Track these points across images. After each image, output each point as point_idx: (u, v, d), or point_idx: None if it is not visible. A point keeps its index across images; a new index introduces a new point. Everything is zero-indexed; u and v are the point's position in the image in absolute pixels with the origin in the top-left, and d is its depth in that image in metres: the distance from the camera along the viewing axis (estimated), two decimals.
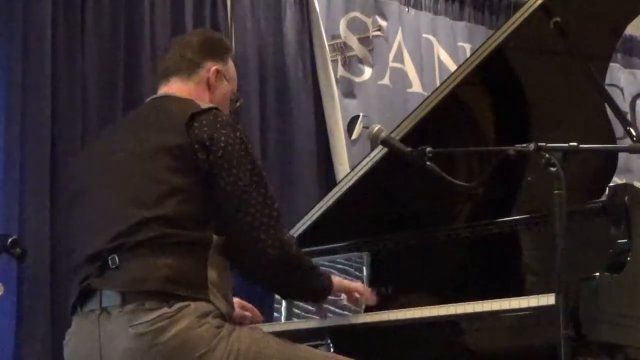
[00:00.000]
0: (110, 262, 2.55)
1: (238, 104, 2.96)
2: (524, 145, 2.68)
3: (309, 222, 3.38)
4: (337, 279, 2.89)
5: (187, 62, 2.84)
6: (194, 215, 2.57)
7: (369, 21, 5.57)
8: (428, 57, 5.79)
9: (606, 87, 3.81)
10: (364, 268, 3.27)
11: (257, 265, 2.65)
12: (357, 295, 2.95)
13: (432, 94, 3.45)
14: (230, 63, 2.92)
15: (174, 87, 2.82)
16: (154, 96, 2.89)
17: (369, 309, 3.01)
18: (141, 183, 2.60)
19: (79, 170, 2.86)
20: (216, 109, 2.69)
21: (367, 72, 5.53)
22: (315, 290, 2.81)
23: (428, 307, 2.91)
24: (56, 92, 4.34)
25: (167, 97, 2.82)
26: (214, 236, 2.59)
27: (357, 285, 2.98)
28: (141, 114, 2.88)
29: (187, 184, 2.58)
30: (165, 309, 2.48)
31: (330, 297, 2.88)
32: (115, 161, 2.69)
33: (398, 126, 3.33)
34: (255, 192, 2.60)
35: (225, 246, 2.62)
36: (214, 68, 2.84)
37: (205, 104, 2.70)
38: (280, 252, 2.60)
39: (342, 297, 2.96)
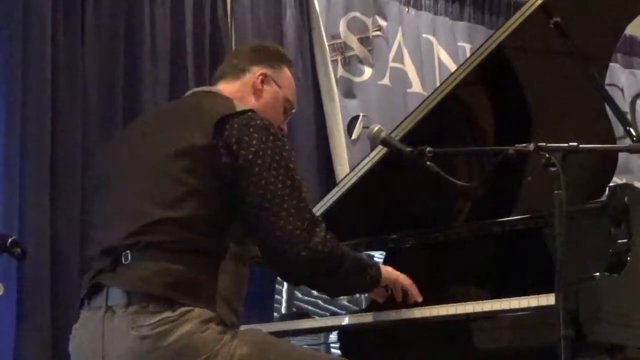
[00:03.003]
0: (123, 258, 2.54)
1: (291, 113, 2.92)
2: (524, 145, 2.68)
3: None
4: (386, 269, 2.82)
5: (235, 67, 2.84)
6: (212, 220, 2.55)
7: (369, 21, 5.57)
8: (428, 57, 5.79)
9: (606, 87, 3.82)
10: None
11: (292, 269, 2.61)
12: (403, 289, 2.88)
13: (432, 94, 3.45)
14: (285, 72, 2.88)
15: (219, 87, 2.82)
16: (195, 89, 2.90)
17: (369, 308, 3.01)
18: (162, 182, 2.58)
19: (108, 156, 2.85)
20: (252, 111, 2.64)
21: (367, 72, 5.53)
22: (361, 284, 2.76)
23: (428, 307, 2.91)
24: (56, 93, 4.34)
25: (208, 93, 2.81)
26: (231, 245, 2.57)
27: (405, 280, 2.88)
28: (177, 107, 2.87)
29: (207, 187, 2.55)
30: (168, 313, 2.47)
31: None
32: (142, 155, 2.67)
33: (398, 126, 3.33)
34: (288, 196, 2.56)
35: (241, 255, 2.60)
36: (260, 72, 2.83)
37: (242, 106, 2.66)
38: (313, 255, 2.55)
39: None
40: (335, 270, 2.64)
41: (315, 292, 3.15)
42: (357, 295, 3.05)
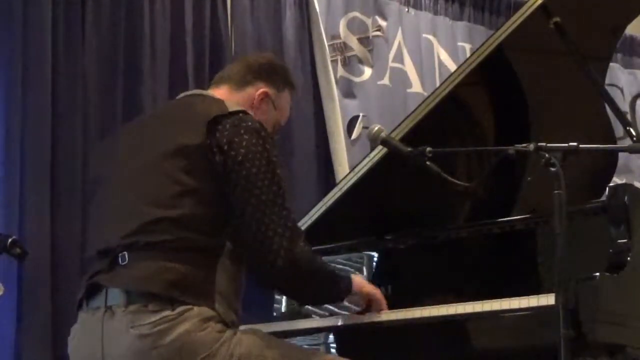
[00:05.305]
0: (120, 259, 2.55)
1: (277, 134, 2.92)
2: (524, 145, 2.68)
3: (309, 222, 3.38)
4: (358, 281, 2.85)
5: (241, 76, 2.85)
6: (209, 219, 2.56)
7: (368, 21, 5.57)
8: (428, 57, 5.79)
9: (606, 87, 3.82)
10: (364, 268, 3.28)
11: (268, 274, 2.62)
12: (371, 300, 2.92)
13: (432, 94, 3.45)
14: (286, 96, 2.90)
15: (218, 92, 2.82)
16: (188, 92, 2.92)
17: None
18: (158, 181, 2.59)
19: (103, 156, 2.87)
20: (244, 112, 2.66)
21: (367, 72, 5.53)
22: (331, 296, 2.80)
23: (428, 307, 2.91)
24: (56, 92, 4.34)
25: (200, 96, 2.83)
26: (228, 243, 2.58)
27: (374, 292, 2.92)
28: (169, 109, 2.90)
29: (202, 186, 2.56)
30: (168, 312, 2.47)
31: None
32: (137, 156, 2.68)
33: (398, 126, 3.33)
34: (272, 202, 2.56)
35: (238, 254, 2.60)
36: (262, 90, 2.84)
37: (234, 107, 2.67)
38: (290, 264, 2.56)
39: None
40: (310, 281, 2.66)
41: None
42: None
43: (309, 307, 3.17)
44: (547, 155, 2.59)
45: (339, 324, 3.01)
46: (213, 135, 2.58)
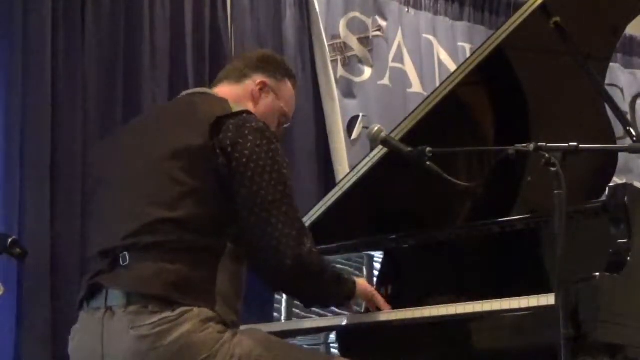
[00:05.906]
0: (121, 259, 2.55)
1: (285, 127, 2.93)
2: (524, 145, 2.68)
3: (309, 222, 3.37)
4: (361, 286, 2.86)
5: (239, 71, 2.86)
6: (210, 220, 2.55)
7: (368, 21, 5.57)
8: (428, 57, 5.79)
9: (606, 87, 3.81)
10: (364, 268, 3.28)
11: (275, 276, 2.62)
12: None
13: (432, 94, 3.45)
14: (287, 85, 2.90)
15: (219, 90, 2.83)
16: (189, 91, 2.92)
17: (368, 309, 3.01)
18: (159, 182, 2.58)
19: (104, 157, 2.86)
20: (247, 112, 2.65)
21: (367, 72, 5.53)
22: (336, 298, 2.81)
23: (428, 307, 2.91)
24: (56, 92, 4.34)
25: (203, 95, 2.82)
26: (229, 244, 2.57)
27: (378, 298, 2.93)
28: (171, 108, 2.89)
29: (205, 187, 2.55)
30: (168, 313, 2.47)
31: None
32: (138, 156, 2.67)
33: (398, 126, 3.33)
34: (279, 203, 2.55)
35: (239, 254, 2.60)
36: (260, 80, 2.84)
37: (237, 107, 2.67)
38: (298, 265, 2.55)
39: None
40: (316, 282, 2.66)
41: None
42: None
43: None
44: (547, 155, 2.59)
45: (340, 324, 3.01)
46: (216, 136, 2.57)
